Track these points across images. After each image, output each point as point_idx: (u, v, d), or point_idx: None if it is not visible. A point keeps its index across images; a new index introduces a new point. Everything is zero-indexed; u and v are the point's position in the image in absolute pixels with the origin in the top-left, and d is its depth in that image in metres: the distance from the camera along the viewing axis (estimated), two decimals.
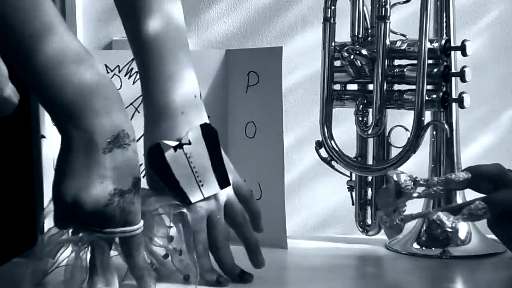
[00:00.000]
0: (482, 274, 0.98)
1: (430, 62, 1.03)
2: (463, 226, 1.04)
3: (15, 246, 1.08)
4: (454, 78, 1.05)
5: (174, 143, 0.90)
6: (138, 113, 1.11)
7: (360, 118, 1.08)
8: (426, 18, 1.02)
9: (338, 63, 1.09)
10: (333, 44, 1.10)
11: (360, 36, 1.09)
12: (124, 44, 1.29)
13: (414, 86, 1.03)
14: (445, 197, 1.05)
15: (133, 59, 1.11)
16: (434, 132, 1.08)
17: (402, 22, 1.12)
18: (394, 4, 1.06)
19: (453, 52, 1.05)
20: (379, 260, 1.06)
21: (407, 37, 1.06)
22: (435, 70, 1.03)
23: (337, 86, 1.11)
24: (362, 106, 1.08)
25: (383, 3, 1.04)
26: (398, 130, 1.08)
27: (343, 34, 1.10)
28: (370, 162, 1.11)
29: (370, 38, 1.08)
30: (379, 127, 1.06)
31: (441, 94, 1.03)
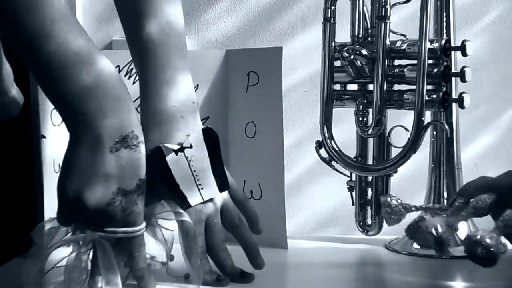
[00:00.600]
0: (482, 274, 0.98)
1: (430, 62, 1.03)
2: (463, 226, 1.04)
3: (15, 246, 1.08)
4: (454, 78, 1.05)
5: (175, 147, 0.90)
6: (138, 113, 1.11)
7: (360, 118, 1.08)
8: (426, 18, 1.02)
9: (338, 63, 1.09)
10: (333, 44, 1.10)
11: (360, 36, 1.09)
12: (124, 44, 1.28)
13: (414, 86, 1.03)
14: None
15: None
16: (434, 132, 1.08)
17: (402, 22, 1.12)
18: (394, 4, 1.06)
19: (453, 52, 1.05)
20: (379, 260, 1.06)
21: (407, 37, 1.06)
22: (435, 70, 1.03)
23: (337, 86, 1.11)
24: (362, 106, 1.08)
25: (383, 3, 1.04)
26: (398, 130, 1.08)
27: (343, 34, 1.10)
28: (370, 162, 1.11)
29: (370, 38, 1.08)
30: (379, 127, 1.06)
31: (441, 94, 1.03)
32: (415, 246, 1.06)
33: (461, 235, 1.03)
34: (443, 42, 1.03)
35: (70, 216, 0.81)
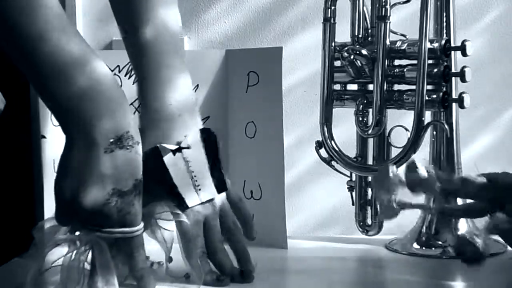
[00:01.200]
0: (482, 274, 0.98)
1: (430, 62, 1.03)
2: (463, 226, 1.04)
3: (15, 246, 1.08)
4: (454, 78, 1.05)
5: (173, 147, 0.90)
6: (139, 113, 1.11)
7: (360, 118, 1.08)
8: (426, 18, 1.02)
9: (338, 63, 1.09)
10: (333, 44, 1.10)
11: (360, 36, 1.09)
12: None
13: (414, 86, 1.03)
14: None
15: None
16: (434, 132, 1.08)
17: (402, 22, 1.12)
18: (394, 4, 1.06)
19: (453, 52, 1.05)
20: (379, 260, 1.06)
21: (407, 37, 1.06)
22: (435, 70, 1.03)
23: (337, 86, 1.11)
24: (362, 106, 1.08)
25: (383, 3, 1.04)
26: (398, 130, 1.08)
27: (343, 34, 1.10)
28: (370, 162, 1.11)
29: (370, 38, 1.08)
30: (379, 127, 1.06)
31: (441, 94, 1.03)
32: (415, 246, 1.06)
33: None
34: (443, 42, 1.03)
35: (67, 216, 0.81)
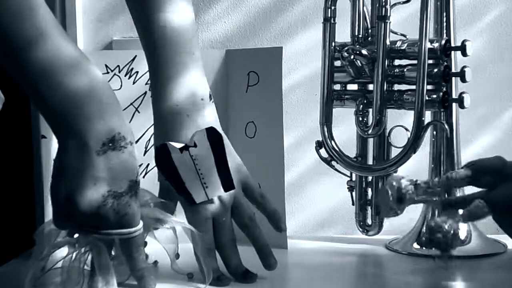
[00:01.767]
0: (482, 274, 0.98)
1: (430, 62, 1.03)
2: (463, 226, 1.04)
3: (15, 246, 1.08)
4: (454, 78, 1.05)
5: (180, 145, 0.91)
6: (138, 113, 1.11)
7: (360, 118, 1.08)
8: (426, 18, 1.02)
9: (338, 63, 1.09)
10: (333, 44, 1.10)
11: (360, 36, 1.09)
12: (124, 44, 1.29)
13: (414, 86, 1.03)
14: (445, 196, 1.04)
15: (133, 59, 1.11)
16: (434, 132, 1.08)
17: (402, 22, 1.12)
18: (394, 4, 1.06)
19: (453, 52, 1.05)
20: (379, 260, 1.06)
21: (407, 37, 1.06)
22: (435, 70, 1.03)
23: (337, 86, 1.11)
24: (362, 106, 1.08)
25: (383, 3, 1.04)
26: (398, 130, 1.08)
27: (343, 34, 1.10)
28: (370, 162, 1.11)
29: (370, 38, 1.09)
30: (379, 127, 1.06)
31: (441, 94, 1.03)
32: (415, 246, 1.06)
33: (461, 235, 1.03)
34: (443, 42, 1.03)
35: (64, 219, 0.81)
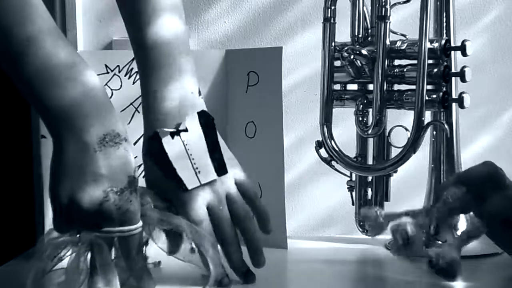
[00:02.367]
0: (482, 274, 0.98)
1: (430, 62, 1.03)
2: (463, 226, 1.04)
3: (15, 246, 1.08)
4: (454, 78, 1.05)
5: (171, 130, 0.90)
6: (138, 113, 1.11)
7: (360, 118, 1.08)
8: (426, 18, 1.02)
9: (338, 63, 1.09)
10: (333, 44, 1.10)
11: (360, 36, 1.09)
12: (124, 44, 1.29)
13: (414, 86, 1.03)
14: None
15: (133, 59, 1.11)
16: (434, 132, 1.08)
17: (402, 22, 1.12)
18: (394, 4, 1.06)
19: (453, 52, 1.05)
20: (379, 260, 1.06)
21: (407, 37, 1.06)
22: (435, 70, 1.03)
23: (337, 86, 1.11)
24: (362, 106, 1.08)
25: (383, 3, 1.04)
26: (398, 130, 1.08)
27: (343, 34, 1.10)
28: (370, 162, 1.11)
29: (370, 38, 1.08)
30: (379, 127, 1.06)
31: (441, 94, 1.03)
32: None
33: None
34: (443, 42, 1.03)
35: (66, 222, 0.81)
